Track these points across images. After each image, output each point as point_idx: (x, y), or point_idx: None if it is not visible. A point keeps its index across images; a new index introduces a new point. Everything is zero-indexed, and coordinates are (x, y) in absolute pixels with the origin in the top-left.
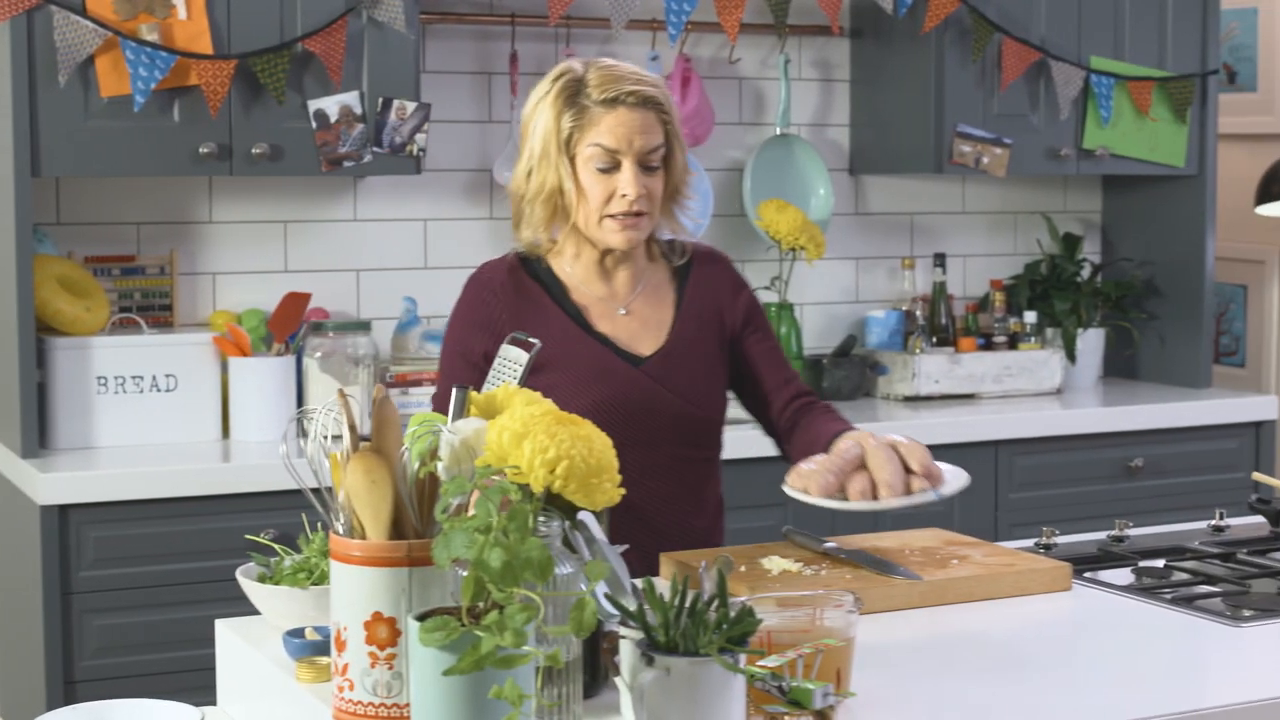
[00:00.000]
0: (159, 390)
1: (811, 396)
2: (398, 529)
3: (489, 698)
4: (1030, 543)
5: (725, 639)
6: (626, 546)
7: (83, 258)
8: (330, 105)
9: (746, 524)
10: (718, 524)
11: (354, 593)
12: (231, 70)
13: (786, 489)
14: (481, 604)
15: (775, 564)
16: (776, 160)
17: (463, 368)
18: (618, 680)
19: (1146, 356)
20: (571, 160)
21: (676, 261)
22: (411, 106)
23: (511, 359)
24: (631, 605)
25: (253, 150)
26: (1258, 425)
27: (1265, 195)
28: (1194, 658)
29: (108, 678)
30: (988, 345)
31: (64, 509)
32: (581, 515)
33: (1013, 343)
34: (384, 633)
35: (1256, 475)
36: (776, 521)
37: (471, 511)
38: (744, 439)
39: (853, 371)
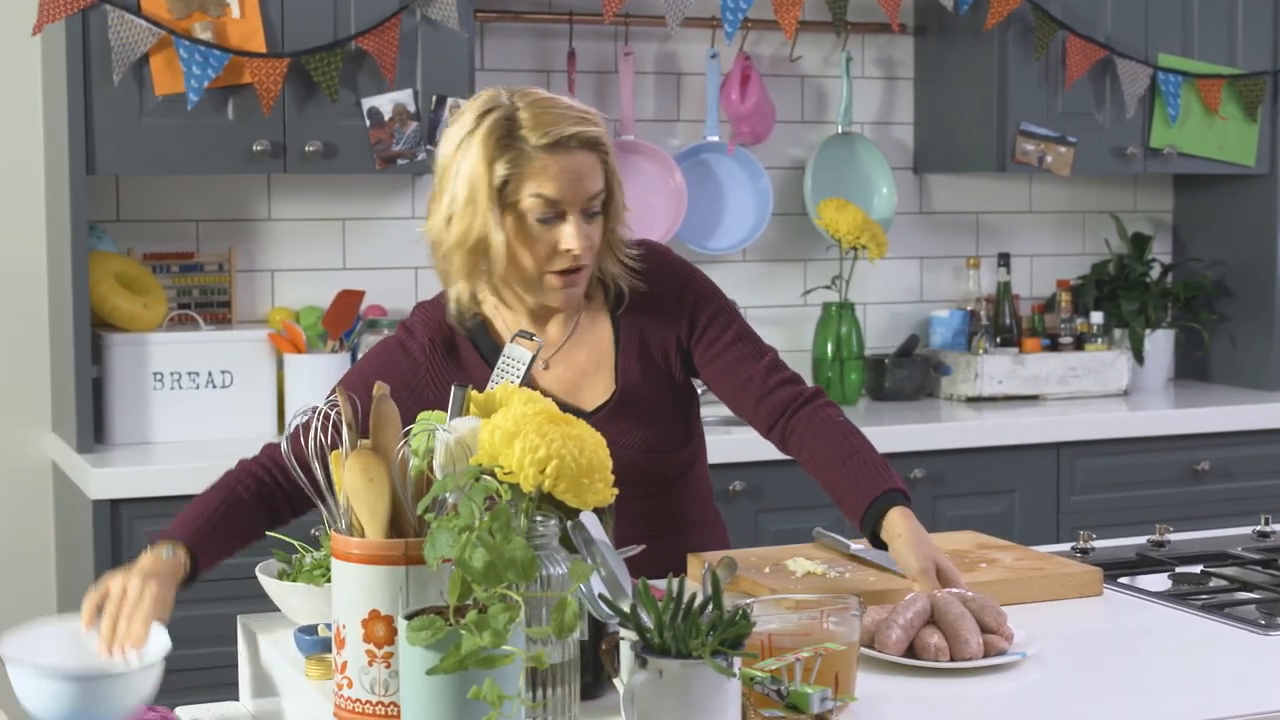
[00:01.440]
0: (214, 386)
1: (790, 391)
2: (396, 528)
3: (472, 698)
4: (1067, 546)
5: (718, 642)
6: (641, 548)
7: (141, 255)
8: (384, 103)
9: (783, 526)
10: (711, 538)
11: (352, 591)
12: (284, 68)
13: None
14: (472, 603)
15: (800, 565)
16: (838, 159)
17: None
18: (616, 682)
19: (1218, 358)
20: (503, 210)
21: (610, 302)
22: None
23: (515, 357)
24: (627, 606)
25: (306, 148)
26: None
27: None
28: (1218, 666)
29: None
30: (1053, 346)
31: (115, 503)
32: (582, 515)
33: (1079, 344)
34: (381, 631)
35: None
36: (811, 523)
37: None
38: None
39: (915, 372)
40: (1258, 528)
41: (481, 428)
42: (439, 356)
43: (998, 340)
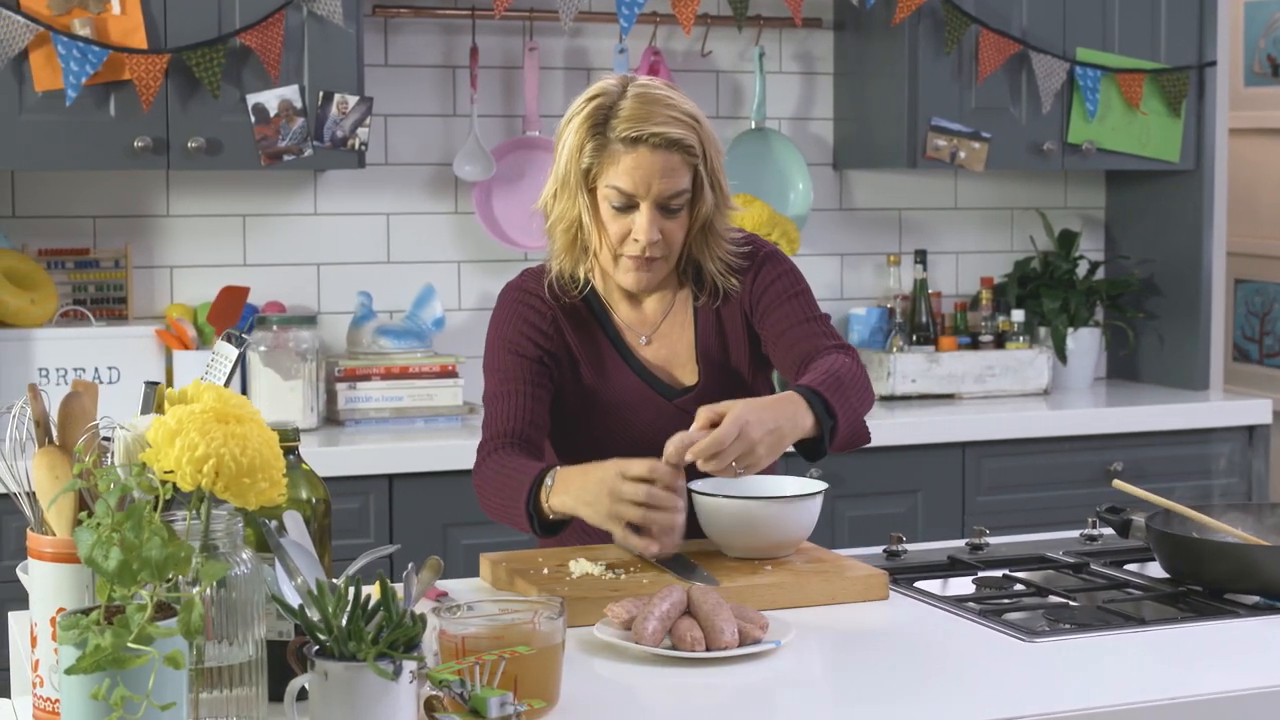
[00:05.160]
0: (101, 382)
1: (823, 344)
2: None
3: (113, 699)
4: (879, 550)
5: (387, 644)
6: (396, 554)
7: (36, 251)
8: (269, 99)
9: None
10: None
11: (44, 589)
12: (164, 64)
13: (605, 632)
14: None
15: (580, 567)
16: (752, 154)
17: (517, 364)
18: None
19: (1147, 358)
20: (590, 193)
21: (700, 300)
22: (353, 100)
23: (223, 355)
24: (315, 610)
25: (189, 144)
26: (1251, 429)
27: None
28: (966, 671)
29: None
30: (974, 344)
31: None
32: (285, 515)
33: (1000, 342)
34: None
35: (1117, 483)
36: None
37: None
38: None
39: None
40: (1085, 531)
41: (152, 425)
42: (558, 304)
43: (914, 338)
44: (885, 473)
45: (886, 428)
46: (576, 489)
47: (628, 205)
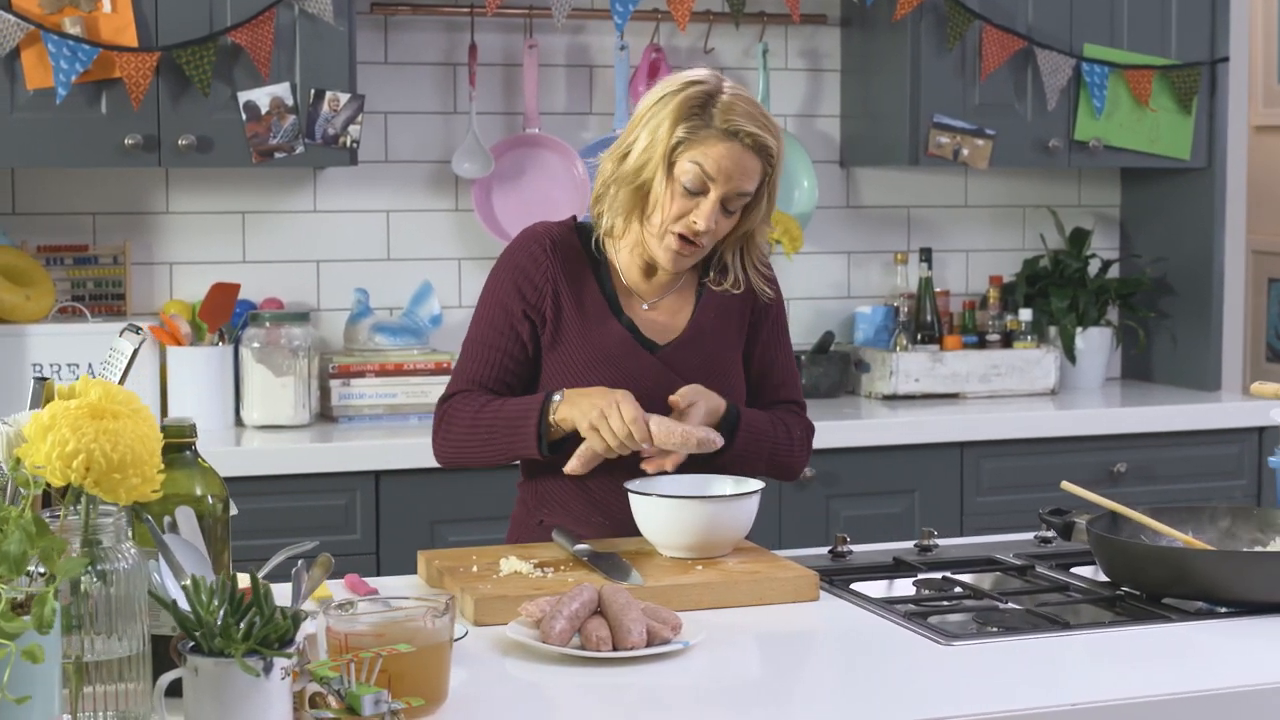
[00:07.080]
0: (95, 378)
1: (794, 408)
2: None
3: None
4: (824, 550)
5: (257, 641)
6: (314, 543)
7: (35, 247)
8: (261, 96)
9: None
10: None
11: None
12: (154, 62)
13: (516, 631)
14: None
15: (509, 565)
16: None
17: (501, 318)
18: None
19: (1160, 358)
20: (669, 167)
21: (709, 277)
22: (344, 98)
23: (119, 350)
24: (187, 604)
25: (180, 142)
26: (1261, 431)
27: None
28: (865, 675)
29: None
30: (980, 343)
31: None
32: (178, 511)
33: (1007, 341)
34: None
35: (1066, 485)
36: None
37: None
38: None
39: (831, 369)
40: (1039, 533)
41: (31, 421)
42: (561, 251)
43: (919, 337)
44: (882, 472)
45: (885, 426)
46: (581, 406)
47: (699, 189)
